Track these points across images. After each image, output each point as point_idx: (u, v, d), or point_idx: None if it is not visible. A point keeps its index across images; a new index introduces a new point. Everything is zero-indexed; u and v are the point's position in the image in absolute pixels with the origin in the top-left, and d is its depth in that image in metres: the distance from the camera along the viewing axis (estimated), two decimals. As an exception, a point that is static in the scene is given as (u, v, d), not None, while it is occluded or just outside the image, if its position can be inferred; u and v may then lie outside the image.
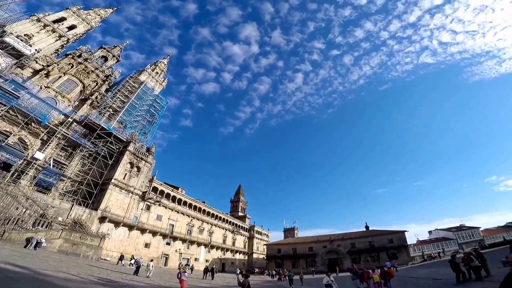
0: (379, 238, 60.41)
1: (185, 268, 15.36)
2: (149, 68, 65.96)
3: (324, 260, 61.18)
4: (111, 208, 41.24)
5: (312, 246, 64.55)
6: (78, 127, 43.19)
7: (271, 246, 72.31)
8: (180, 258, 54.25)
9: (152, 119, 57.04)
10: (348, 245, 61.23)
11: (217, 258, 67.49)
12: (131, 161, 47.38)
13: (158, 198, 51.76)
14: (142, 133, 54.08)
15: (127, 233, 43.82)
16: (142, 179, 48.71)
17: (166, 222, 53.66)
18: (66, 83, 47.50)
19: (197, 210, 64.48)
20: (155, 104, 58.00)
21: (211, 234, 67.69)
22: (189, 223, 60.57)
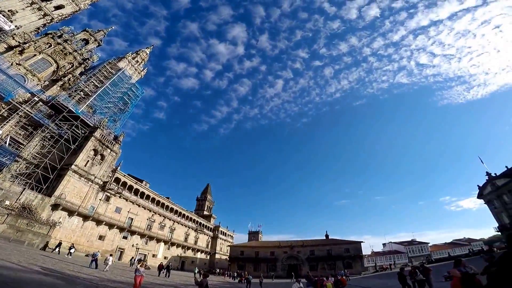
0: (337, 247, 63.21)
1: (143, 264, 14.56)
2: (130, 56, 63.47)
3: (284, 265, 62.44)
4: (66, 195, 38.46)
5: (274, 250, 65.62)
6: (43, 107, 40.25)
7: (234, 247, 72.16)
8: (137, 253, 52.07)
9: (124, 107, 54.45)
10: (308, 252, 63.21)
11: (177, 255, 65.79)
12: (95, 148, 44.72)
13: (120, 190, 49.37)
14: (112, 120, 51.50)
15: (81, 223, 41.12)
16: (105, 168, 46.13)
17: (125, 215, 51.30)
18: (39, 62, 45.09)
19: (160, 206, 62.51)
20: (129, 93, 55.55)
21: (173, 231, 65.90)
22: (150, 218, 58.47)
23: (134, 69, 63.65)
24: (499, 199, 48.51)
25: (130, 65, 62.19)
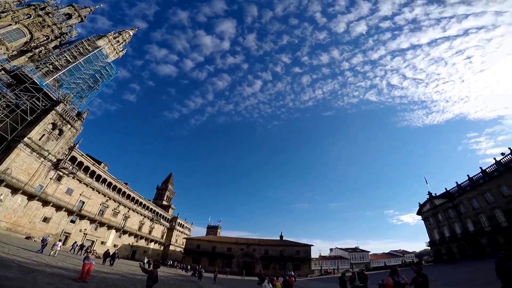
0: (289, 248, 66.30)
1: (93, 252, 13.83)
2: (111, 35, 59.34)
3: (239, 262, 63.55)
4: (13, 170, 34.19)
5: (231, 247, 66.34)
6: (5, 76, 35.98)
7: (191, 240, 71.20)
8: (84, 239, 48.72)
9: (94, 85, 50.71)
10: (263, 251, 65.23)
11: (128, 244, 62.92)
12: (54, 122, 40.45)
13: (74, 170, 45.47)
14: (78, 96, 47.73)
15: (25, 202, 36.98)
16: (61, 144, 42.03)
17: (77, 198, 47.54)
18: (13, 31, 42.43)
19: (116, 191, 59.07)
20: (103, 71, 51.68)
21: (127, 218, 62.81)
22: (104, 203, 55.03)
23: (112, 49, 59.74)
24: (434, 217, 55.56)
25: (109, 44, 58.39)
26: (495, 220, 40.94)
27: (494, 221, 41.07)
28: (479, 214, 44.20)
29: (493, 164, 42.25)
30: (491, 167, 42.91)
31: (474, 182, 45.96)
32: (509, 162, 39.48)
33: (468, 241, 45.74)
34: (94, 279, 14.44)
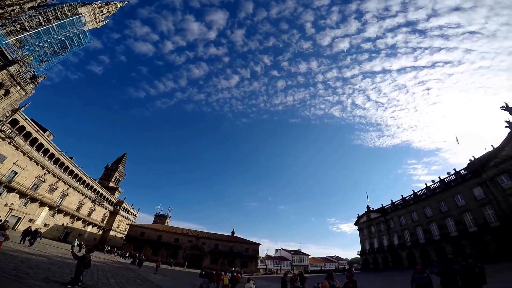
0: (239, 245, 67.85)
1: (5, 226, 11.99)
2: (97, 4, 52.99)
3: (186, 254, 62.65)
4: None
5: (178, 238, 64.95)
6: None
7: (135, 227, 67.56)
8: (8, 215, 42.87)
9: (61, 50, 45.28)
10: (212, 245, 65.47)
11: (61, 225, 57.18)
12: (2, 81, 34.82)
13: (13, 134, 39.68)
14: (39, 59, 42.16)
15: None
16: (3, 105, 36.25)
17: (9, 167, 41.56)
18: None
19: (58, 165, 53.21)
20: (75, 38, 46.26)
21: (65, 196, 56.99)
22: (41, 176, 49.11)
23: (93, 18, 53.47)
24: (368, 229, 62.69)
25: (92, 13, 52.11)
26: (416, 236, 48.30)
27: (415, 237, 48.43)
28: (404, 230, 51.54)
29: (423, 189, 49.63)
30: (421, 191, 50.37)
31: (405, 202, 53.32)
32: (436, 189, 46.90)
33: (391, 253, 52.94)
34: (14, 260, 13.37)
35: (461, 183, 42.03)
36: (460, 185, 42.22)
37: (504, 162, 36.34)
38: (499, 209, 35.78)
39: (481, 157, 40.76)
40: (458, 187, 42.46)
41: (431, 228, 45.52)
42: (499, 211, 35.64)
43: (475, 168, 40.29)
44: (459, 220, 41.00)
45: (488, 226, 36.60)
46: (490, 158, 38.44)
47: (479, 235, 37.48)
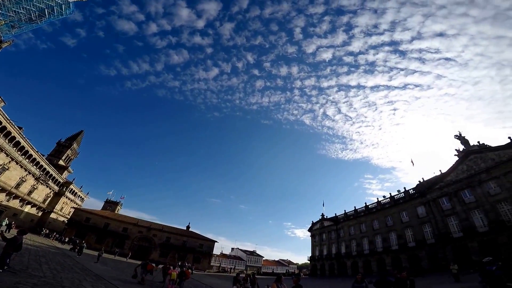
0: (193, 240, 66.05)
1: None
2: None
3: (134, 245, 59.24)
4: None
5: (128, 227, 61.23)
6: None
7: (80, 211, 62.23)
8: None
9: (37, 19, 40.65)
10: (164, 238, 62.82)
11: (-7, 202, 50.51)
12: None
13: None
14: (10, 25, 37.63)
15: None
16: None
17: None
18: None
19: (3, 134, 47.11)
20: (56, 8, 41.64)
21: (4, 170, 50.54)
22: (-24, 143, 43.04)
23: None
24: (320, 236, 65.09)
25: None
26: (361, 247, 51.21)
27: (360, 247, 51.31)
28: (352, 240, 54.36)
29: (375, 203, 52.86)
30: (372, 204, 53.59)
31: (357, 213, 56.33)
32: (385, 204, 50.20)
33: (338, 261, 55.49)
34: None
35: (408, 201, 45.58)
36: (406, 203, 45.73)
37: (447, 186, 40.12)
38: (436, 228, 39.34)
39: (429, 180, 44.60)
40: (405, 205, 45.95)
41: (376, 240, 48.61)
42: (436, 230, 39.20)
43: (422, 189, 43.93)
44: (401, 235, 44.32)
45: (425, 243, 40.04)
46: (436, 182, 42.19)
47: (416, 250, 40.87)
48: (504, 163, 34.21)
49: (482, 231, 33.78)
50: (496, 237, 32.06)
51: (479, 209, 35.39)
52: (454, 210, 38.06)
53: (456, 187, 38.74)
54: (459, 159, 39.80)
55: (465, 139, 40.26)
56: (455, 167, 40.01)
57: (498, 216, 33.01)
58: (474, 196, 36.46)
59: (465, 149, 39.55)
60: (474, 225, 35.04)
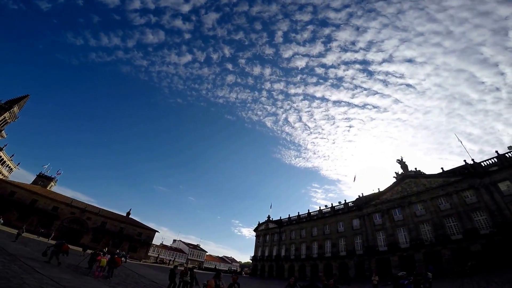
0: (132, 228, 62.26)
1: None
2: None
3: (64, 226, 53.68)
4: None
5: (59, 206, 55.27)
6: None
7: (4, 183, 54.50)
8: None
9: None
10: (99, 222, 58.09)
11: None
12: None
13: None
14: None
15: None
16: None
17: None
18: None
19: None
20: None
21: None
22: None
23: None
24: (264, 237, 66.04)
25: None
26: (299, 251, 52.98)
27: (298, 252, 53.09)
28: (292, 244, 55.98)
29: (316, 211, 55.07)
30: (314, 212, 55.79)
31: (299, 219, 58.20)
32: (326, 213, 52.53)
33: (277, 263, 56.73)
34: None
35: (346, 213, 48.27)
36: (344, 215, 48.39)
37: (381, 204, 43.20)
38: (366, 240, 42.13)
39: (367, 196, 47.65)
40: (343, 216, 48.58)
41: (313, 247, 50.62)
42: (366, 242, 41.99)
43: (360, 203, 46.79)
44: (335, 243, 46.74)
45: (355, 253, 42.68)
46: (373, 198, 45.23)
47: (346, 259, 43.36)
48: (432, 189, 37.86)
49: (404, 247, 36.97)
50: (414, 253, 35.31)
51: (404, 227, 38.70)
52: (384, 226, 41.11)
53: (389, 206, 41.92)
54: (396, 181, 43.15)
55: (405, 164, 43.78)
56: (392, 188, 43.29)
57: (418, 235, 36.40)
58: (402, 215, 39.77)
59: (403, 173, 43.02)
60: (398, 241, 38.21)
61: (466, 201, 33.99)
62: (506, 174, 32.08)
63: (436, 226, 35.21)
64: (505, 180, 31.91)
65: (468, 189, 34.39)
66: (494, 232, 29.74)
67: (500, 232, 29.27)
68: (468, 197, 34.11)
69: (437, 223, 35.28)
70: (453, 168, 38.72)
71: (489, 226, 30.75)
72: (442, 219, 35.25)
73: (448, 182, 36.76)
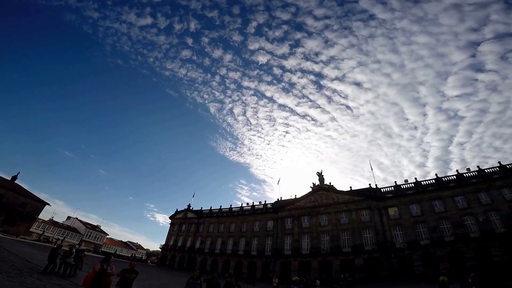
0: (15, 196, 50.46)
1: None
2: None
3: None
4: None
5: None
6: None
7: None
8: None
9: None
10: (-35, 184, 44.95)
11: None
12: None
13: None
14: None
15: None
16: None
17: None
18: None
19: None
20: None
21: None
22: None
23: None
24: (180, 226, 63.63)
25: None
26: (214, 245, 52.94)
27: (213, 246, 53.04)
28: (208, 237, 55.58)
29: (239, 207, 56.21)
30: (236, 208, 56.63)
31: (220, 213, 58.28)
32: (246, 211, 53.92)
33: (190, 255, 55.34)
34: None
35: (263, 214, 50.82)
36: (262, 215, 50.87)
37: (295, 210, 46.76)
38: (275, 242, 44.94)
39: (284, 200, 50.96)
40: (260, 216, 50.92)
41: (228, 243, 51.36)
42: (275, 244, 44.79)
43: (277, 206, 49.68)
44: (249, 242, 48.56)
45: (264, 254, 44.87)
46: (289, 203, 48.56)
47: (255, 258, 45.28)
48: (338, 204, 42.94)
49: (305, 253, 40.97)
50: (311, 260, 39.31)
51: (308, 234, 42.89)
52: (292, 231, 44.66)
53: (301, 213, 45.76)
54: (311, 191, 47.47)
55: (323, 177, 48.43)
56: (306, 197, 47.35)
57: (318, 243, 40.76)
58: (309, 223, 43.97)
59: (319, 184, 47.51)
60: (301, 247, 42.07)
61: (361, 219, 39.74)
62: (396, 201, 38.80)
63: (333, 238, 40.10)
64: (394, 206, 38.59)
65: (365, 209, 40.27)
66: (375, 249, 35.59)
67: (379, 249, 35.20)
68: (364, 216, 39.94)
69: (335, 235, 40.23)
70: (359, 189, 44.70)
71: (372, 243, 36.52)
72: (340, 232, 40.38)
73: (352, 200, 42.30)
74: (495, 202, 31.63)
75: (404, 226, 36.18)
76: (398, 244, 35.00)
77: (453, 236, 31.91)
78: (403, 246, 34.31)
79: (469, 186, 34.27)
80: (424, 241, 33.53)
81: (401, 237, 35.59)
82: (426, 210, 35.62)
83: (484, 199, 32.48)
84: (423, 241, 33.61)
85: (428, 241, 33.11)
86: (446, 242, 31.76)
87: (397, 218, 37.37)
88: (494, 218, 30.88)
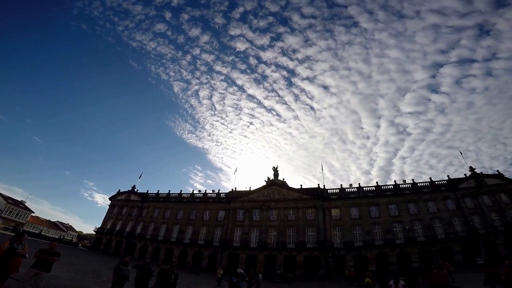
0: None
1: None
2: None
3: None
4: None
5: None
6: None
7: None
8: None
9: None
10: None
11: None
12: None
13: None
14: None
15: None
16: None
17: None
18: None
19: None
20: None
21: None
22: None
23: None
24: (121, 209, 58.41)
25: None
26: (157, 232, 50.64)
27: (156, 232, 50.72)
28: (151, 223, 52.78)
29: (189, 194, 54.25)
30: (186, 194, 54.58)
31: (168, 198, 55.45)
32: (197, 198, 52.29)
33: (128, 240, 51.94)
34: None
35: (215, 203, 50.23)
36: (214, 204, 50.30)
37: (247, 202, 47.27)
38: (225, 233, 45.03)
39: (238, 191, 50.70)
40: (212, 205, 50.26)
41: (173, 230, 49.68)
42: (224, 235, 44.86)
43: (231, 196, 49.32)
44: (196, 231, 47.76)
45: (211, 244, 44.68)
46: (243, 195, 48.61)
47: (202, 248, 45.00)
48: (288, 200, 44.59)
49: (252, 246, 42.31)
50: (258, 254, 40.90)
51: (257, 228, 44.24)
52: (243, 223, 45.37)
53: (253, 206, 46.44)
54: (266, 185, 48.06)
55: (277, 172, 49.19)
56: (260, 190, 47.93)
57: (266, 238, 42.32)
58: (259, 217, 45.08)
59: (273, 179, 48.29)
60: (250, 240, 43.21)
61: (306, 217, 42.33)
62: (339, 203, 41.94)
63: (280, 233, 42.17)
64: (337, 207, 41.74)
65: (311, 208, 42.77)
66: (315, 247, 38.56)
67: (319, 248, 38.23)
68: (309, 214, 42.53)
69: (282, 231, 42.31)
70: (309, 188, 46.96)
71: (314, 241, 39.45)
72: (286, 228, 42.57)
73: (301, 198, 44.36)
74: (420, 213, 36.76)
75: (343, 227, 39.85)
76: (336, 244, 38.63)
77: (382, 240, 36.50)
78: (340, 246, 38.03)
79: (402, 196, 38.89)
80: (358, 243, 37.67)
81: (339, 237, 39.29)
82: (364, 214, 39.57)
83: (412, 209, 37.40)
84: (357, 243, 37.73)
85: (362, 243, 37.32)
86: (376, 245, 36.25)
87: (338, 219, 40.83)
88: (417, 227, 36.10)
